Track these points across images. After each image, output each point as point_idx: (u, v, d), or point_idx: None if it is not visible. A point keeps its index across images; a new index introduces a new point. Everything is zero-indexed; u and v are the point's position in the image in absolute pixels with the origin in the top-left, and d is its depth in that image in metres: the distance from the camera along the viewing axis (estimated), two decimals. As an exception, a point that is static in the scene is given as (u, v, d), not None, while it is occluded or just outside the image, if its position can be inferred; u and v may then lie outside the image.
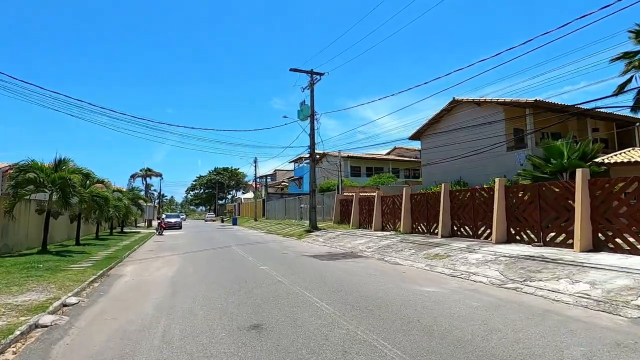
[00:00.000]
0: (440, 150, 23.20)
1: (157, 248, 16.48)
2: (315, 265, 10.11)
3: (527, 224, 10.72)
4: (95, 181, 16.10)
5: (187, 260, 11.96)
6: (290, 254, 13.15)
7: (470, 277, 7.99)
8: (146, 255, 13.78)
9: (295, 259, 11.57)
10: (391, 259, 11.00)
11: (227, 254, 13.30)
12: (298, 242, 18.03)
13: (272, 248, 15.40)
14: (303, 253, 13.20)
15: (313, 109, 23.07)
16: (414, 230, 15.72)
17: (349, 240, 15.95)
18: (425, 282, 7.61)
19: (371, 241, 14.78)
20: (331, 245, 15.69)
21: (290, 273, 8.90)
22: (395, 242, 13.65)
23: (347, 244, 15.13)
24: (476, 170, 20.74)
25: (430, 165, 24.00)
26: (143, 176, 79.62)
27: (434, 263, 9.72)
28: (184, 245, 17.36)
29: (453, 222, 13.66)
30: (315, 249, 14.52)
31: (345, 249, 14.20)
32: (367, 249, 13.30)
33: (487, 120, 19.50)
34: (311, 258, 11.78)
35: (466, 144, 21.19)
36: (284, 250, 14.47)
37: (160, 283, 8.03)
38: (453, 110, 22.15)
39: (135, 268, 10.47)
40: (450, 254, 10.33)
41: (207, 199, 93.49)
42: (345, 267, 9.71)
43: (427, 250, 11.22)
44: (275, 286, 7.36)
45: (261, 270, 9.47)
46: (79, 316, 5.51)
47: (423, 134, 24.92)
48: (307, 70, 23.07)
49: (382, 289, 7.01)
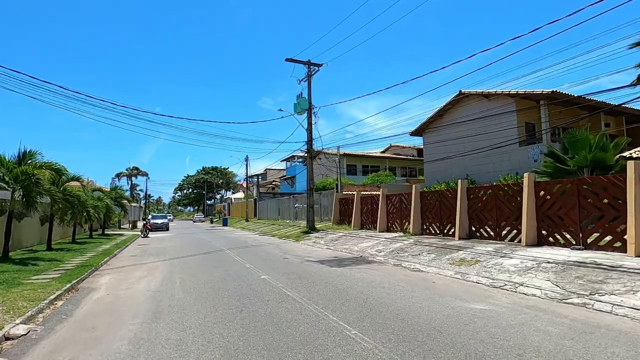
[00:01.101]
0: (444, 146, 22.04)
1: (140, 253, 14.80)
2: (326, 274, 8.69)
3: (563, 224, 9.52)
4: (69, 178, 14.32)
5: (174, 268, 10.39)
6: (291, 259, 11.70)
7: (517, 288, 6.69)
8: (127, 261, 12.14)
9: (299, 266, 10.12)
10: (410, 265, 9.66)
11: (220, 260, 11.77)
12: (297, 245, 16.56)
13: (270, 252, 13.91)
14: (306, 258, 11.76)
15: (311, 102, 21.64)
16: (425, 232, 14.44)
17: (354, 243, 14.57)
18: (467, 296, 6.27)
19: (380, 244, 13.43)
20: (335, 248, 14.28)
21: (299, 285, 7.46)
22: (408, 244, 12.33)
23: (353, 247, 13.75)
24: (484, 167, 19.64)
25: (434, 162, 22.82)
26: (128, 175, 76.89)
27: (464, 270, 8.41)
28: (170, 250, 15.72)
29: (471, 223, 12.42)
30: (318, 253, 13.10)
31: (353, 252, 12.81)
32: (378, 253, 11.95)
33: (497, 116, 18.39)
34: (318, 264, 10.35)
35: (473, 140, 20.08)
36: (284, 254, 13.00)
37: (140, 301, 6.49)
38: (458, 104, 21.02)
39: (113, 279, 8.87)
40: (479, 259, 9.04)
41: (196, 199, 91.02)
42: (362, 276, 8.32)
43: (450, 255, 9.92)
44: (286, 304, 5.91)
45: (263, 281, 8.00)
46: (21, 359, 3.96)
47: (425, 130, 23.75)
48: (304, 61, 21.64)
49: (419, 306, 5.64)
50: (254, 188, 50.46)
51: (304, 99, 21.51)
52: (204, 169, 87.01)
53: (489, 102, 19.16)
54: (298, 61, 21.50)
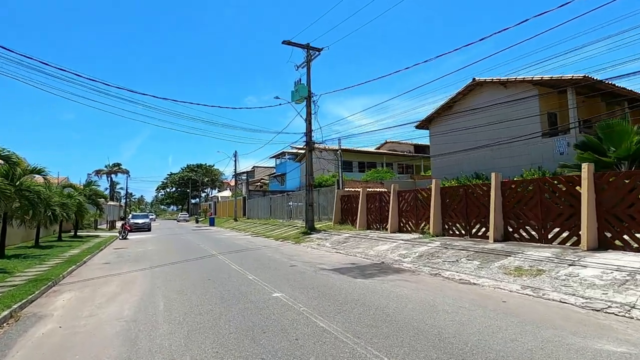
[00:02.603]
0: (453, 140, 20.43)
1: (115, 259, 12.54)
2: (355, 290, 6.77)
3: (634, 224, 7.90)
4: (27, 170, 11.90)
5: (157, 280, 8.28)
6: (301, 266, 9.72)
7: (631, 312, 4.94)
8: (98, 271, 9.92)
9: (315, 277, 8.16)
10: (453, 276, 7.84)
11: (213, 269, 9.70)
12: (300, 248, 14.58)
13: (272, 257, 11.89)
14: (318, 265, 9.81)
15: (310, 89, 19.66)
16: (447, 232, 12.72)
17: (367, 246, 12.70)
18: (572, 326, 4.47)
19: (399, 247, 11.61)
20: (346, 252, 12.38)
21: (328, 308, 5.52)
22: (435, 248, 10.55)
23: (367, 251, 11.88)
24: (500, 161, 18.11)
25: (442, 157, 21.18)
26: (108, 173, 73.04)
27: (530, 282, 6.65)
28: (152, 255, 13.49)
29: (507, 222, 10.74)
30: (329, 259, 11.17)
31: (370, 257, 10.94)
32: (403, 259, 10.11)
33: (515, 104, 16.85)
34: (337, 274, 8.42)
35: (487, 133, 18.53)
36: (289, 260, 11.00)
37: (106, 340, 4.43)
38: (471, 93, 19.44)
39: (74, 299, 6.71)
40: (541, 267, 7.30)
41: (180, 198, 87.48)
42: (403, 292, 6.44)
43: (499, 262, 8.15)
44: (326, 345, 3.97)
45: (278, 302, 6.02)
46: None
47: (433, 122, 22.10)
48: (302, 44, 19.62)
49: (526, 348, 3.79)
50: (243, 186, 48.06)
51: (302, 85, 19.51)
52: (189, 166, 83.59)
53: (506, 91, 17.62)
54: (296, 44, 19.47)
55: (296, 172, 41.94)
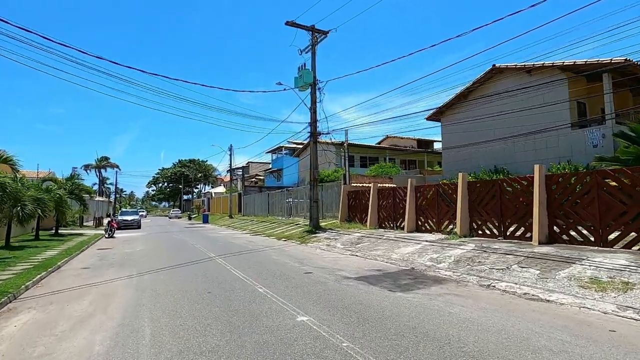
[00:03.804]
0: (468, 131, 19.04)
1: (97, 262, 10.85)
2: (401, 310, 5.25)
3: None
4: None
5: (143, 294, 6.66)
6: (318, 274, 8.17)
7: None
8: (73, 279, 8.25)
9: (341, 290, 6.62)
10: (512, 288, 6.36)
11: (213, 277, 8.10)
12: (308, 250, 13.03)
13: (280, 262, 10.31)
14: (338, 273, 8.26)
15: (315, 75, 18.04)
16: (476, 232, 11.27)
17: (387, 248, 11.19)
18: None
19: (426, 249, 10.12)
20: (364, 255, 10.86)
21: (381, 343, 3.98)
22: (472, 251, 9.08)
23: (389, 254, 10.37)
24: (522, 155, 16.74)
25: (455, 151, 19.76)
26: (97, 167, 70.41)
27: (625, 301, 5.20)
28: (140, 257, 11.82)
29: (552, 222, 9.33)
30: (346, 263, 9.63)
31: (395, 262, 9.43)
32: (437, 264, 8.62)
33: (540, 93, 15.47)
34: (365, 285, 6.89)
35: (506, 124, 17.15)
36: (300, 265, 9.44)
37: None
38: (489, 81, 18.01)
39: (29, 324, 5.08)
40: (626, 279, 5.87)
41: (171, 194, 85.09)
42: (466, 315, 4.93)
43: (564, 271, 6.70)
44: None
45: (307, 331, 4.46)
46: None
47: (445, 113, 20.65)
48: (307, 26, 17.96)
49: None
50: (238, 181, 46.29)
51: (307, 71, 17.87)
52: (181, 161, 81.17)
53: (529, 78, 16.21)
54: (300, 26, 17.81)
55: (294, 168, 40.31)
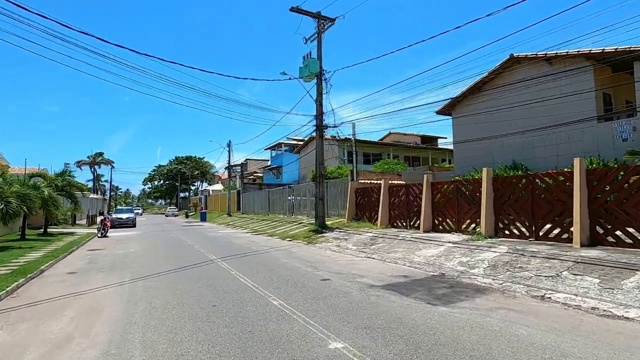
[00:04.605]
0: (482, 125, 18.08)
1: (86, 265, 9.78)
2: (455, 333, 4.26)
3: None
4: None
5: (135, 308, 5.62)
6: (336, 281, 7.16)
7: None
8: (56, 286, 7.19)
9: (370, 303, 5.62)
10: (573, 300, 5.39)
11: (217, 285, 7.07)
12: (317, 251, 12.01)
13: (290, 266, 9.29)
14: (360, 279, 7.26)
15: (321, 65, 16.99)
16: (502, 232, 10.30)
17: (406, 250, 10.19)
18: None
19: (452, 252, 9.14)
20: (381, 257, 9.86)
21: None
22: (506, 255, 8.10)
23: (410, 257, 9.38)
24: (541, 150, 15.81)
25: (468, 146, 18.79)
26: (90, 163, 68.93)
27: None
28: (134, 259, 10.75)
29: (594, 222, 8.38)
30: (365, 267, 8.63)
31: (419, 266, 8.43)
32: (469, 269, 7.63)
33: (559, 84, 14.53)
34: (397, 296, 5.89)
35: (523, 118, 16.22)
36: (314, 270, 8.41)
37: None
38: (506, 72, 17.03)
39: (-9, 351, 4.03)
40: None
41: (168, 191, 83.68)
42: (539, 339, 3.95)
43: (630, 280, 5.73)
44: None
45: None
46: None
47: (457, 107, 19.67)
48: (313, 13, 16.89)
49: None
50: (237, 179, 45.18)
51: (313, 60, 16.80)
52: (177, 158, 79.78)
53: (550, 68, 15.26)
54: (306, 12, 16.73)
55: (294, 165, 39.31)
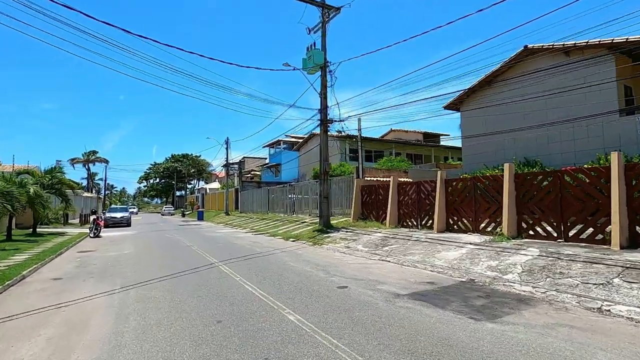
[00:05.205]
0: (493, 121, 17.37)
1: (74, 270, 8.90)
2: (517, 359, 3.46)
3: None
4: None
5: (125, 326, 4.78)
6: (354, 288, 6.37)
7: None
8: (37, 296, 6.33)
9: (402, 318, 4.83)
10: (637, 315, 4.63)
11: (221, 295, 6.25)
12: (326, 253, 11.21)
13: (299, 270, 8.48)
14: (380, 287, 6.47)
15: (326, 57, 16.15)
16: (526, 233, 9.54)
17: (423, 252, 9.41)
18: None
19: (476, 254, 8.37)
20: (398, 261, 9.07)
21: None
22: (538, 258, 7.34)
23: (430, 260, 8.60)
24: (557, 145, 15.10)
25: (477, 142, 18.05)
26: (85, 162, 67.63)
27: None
28: (127, 262, 9.89)
29: (633, 221, 7.66)
30: (382, 272, 7.84)
31: (443, 270, 7.66)
32: (502, 275, 6.86)
33: (580, 75, 13.82)
34: (431, 309, 5.11)
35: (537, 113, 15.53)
36: (328, 276, 7.60)
37: None
38: (519, 65, 16.28)
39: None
40: None
41: (164, 190, 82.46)
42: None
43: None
44: None
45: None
46: None
47: (465, 102, 18.92)
48: (317, 2, 16.04)
49: None
50: (235, 177, 44.25)
51: (317, 50, 15.96)
52: (173, 156, 78.61)
53: (567, 59, 14.53)
54: (310, 0, 15.89)
55: (294, 163, 38.47)
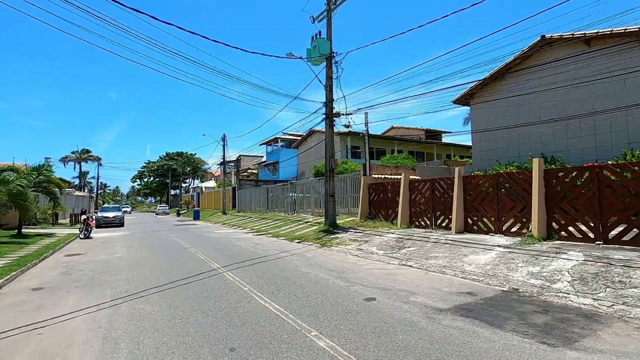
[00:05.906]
0: (505, 116, 16.59)
1: (57, 278, 7.91)
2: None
3: None
4: None
5: (115, 353, 3.85)
6: (383, 301, 5.48)
7: None
8: (11, 310, 5.36)
9: (452, 341, 3.95)
10: None
11: (230, 311, 5.33)
12: (337, 257, 10.30)
13: (314, 277, 7.56)
14: (414, 298, 5.58)
15: (331, 47, 15.23)
16: (558, 233, 8.73)
17: (447, 255, 8.54)
18: None
19: (509, 258, 7.52)
20: (420, 265, 8.20)
21: None
22: (585, 263, 6.50)
23: (458, 264, 7.74)
24: (577, 140, 14.33)
25: (488, 138, 17.26)
26: (77, 160, 66.15)
27: None
28: (119, 268, 8.90)
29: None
30: (407, 279, 6.96)
31: (476, 277, 6.79)
32: (549, 283, 6.01)
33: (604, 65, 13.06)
34: (487, 329, 4.23)
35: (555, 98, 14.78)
36: (347, 285, 6.70)
37: None
38: (535, 56, 15.48)
39: None
40: None
41: (158, 188, 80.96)
42: None
43: None
44: None
45: None
46: None
47: (475, 96, 18.10)
48: (322, -13, 15.12)
49: None
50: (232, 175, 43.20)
51: (322, 40, 15.04)
52: (168, 154, 77.19)
53: (588, 49, 13.75)
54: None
55: (292, 160, 37.55)
